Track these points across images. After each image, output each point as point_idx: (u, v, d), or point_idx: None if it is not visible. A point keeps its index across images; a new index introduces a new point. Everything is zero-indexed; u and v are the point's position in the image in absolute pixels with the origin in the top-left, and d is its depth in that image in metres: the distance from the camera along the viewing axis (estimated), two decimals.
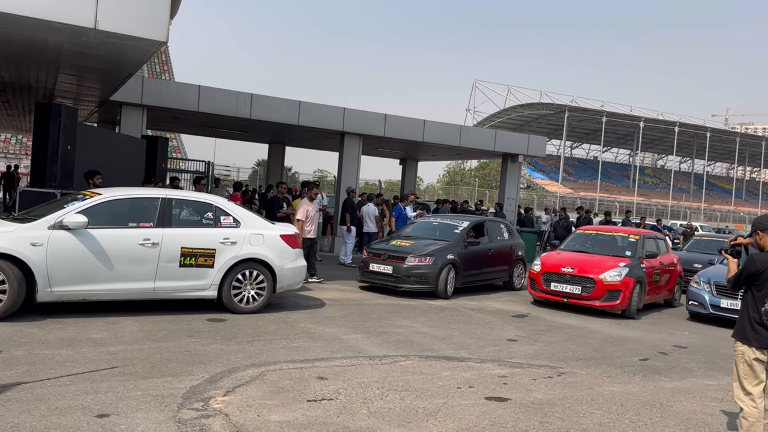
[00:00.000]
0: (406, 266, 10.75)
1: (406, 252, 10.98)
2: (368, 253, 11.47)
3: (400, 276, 10.74)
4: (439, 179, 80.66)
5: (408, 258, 10.78)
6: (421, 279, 10.74)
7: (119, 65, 10.12)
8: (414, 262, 10.77)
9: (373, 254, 11.27)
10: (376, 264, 11.02)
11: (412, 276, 10.72)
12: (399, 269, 10.77)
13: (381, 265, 10.95)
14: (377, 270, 10.98)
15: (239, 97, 15.70)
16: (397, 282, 10.77)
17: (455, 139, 19.01)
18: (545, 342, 8.14)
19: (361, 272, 11.35)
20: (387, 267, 10.89)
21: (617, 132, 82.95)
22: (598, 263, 10.69)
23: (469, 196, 52.88)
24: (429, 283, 10.74)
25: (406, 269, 10.74)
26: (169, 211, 7.88)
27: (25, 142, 57.25)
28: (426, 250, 10.98)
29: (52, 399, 4.66)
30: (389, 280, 10.84)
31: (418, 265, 10.76)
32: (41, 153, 9.68)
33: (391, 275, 10.82)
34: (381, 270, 10.93)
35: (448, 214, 14.80)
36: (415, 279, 10.73)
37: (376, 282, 11.01)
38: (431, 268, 10.77)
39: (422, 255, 10.84)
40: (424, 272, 10.75)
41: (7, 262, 6.78)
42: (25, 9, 7.27)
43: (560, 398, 5.73)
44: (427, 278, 10.74)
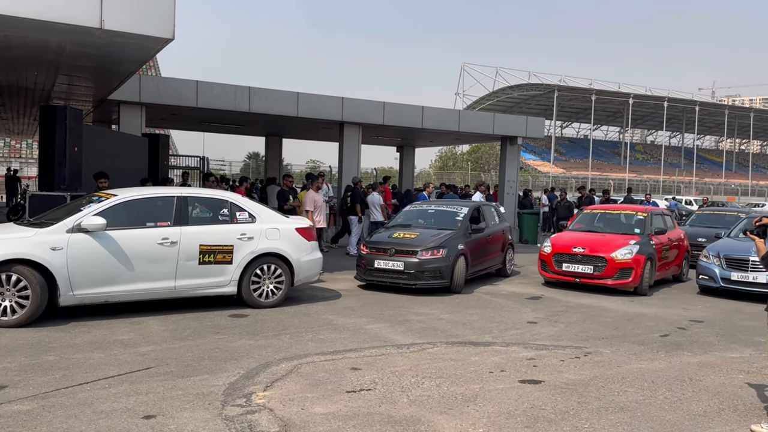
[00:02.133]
0: (419, 260, 9.73)
1: (414, 245, 9.95)
2: (369, 248, 10.23)
3: (413, 272, 9.68)
4: (432, 164, 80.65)
5: (419, 251, 9.77)
6: (435, 274, 9.79)
7: (122, 64, 10.02)
8: (426, 256, 9.74)
9: (376, 249, 10.10)
10: (383, 260, 9.88)
11: (426, 271, 9.72)
12: (411, 264, 9.71)
13: (389, 261, 9.82)
14: (385, 267, 9.84)
15: (237, 90, 15.57)
16: (410, 279, 9.70)
17: (454, 124, 18.99)
18: (565, 323, 8.21)
19: (362, 270, 10.13)
20: (397, 263, 9.77)
21: (607, 110, 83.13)
22: (608, 242, 10.76)
23: (462, 180, 52.95)
24: (444, 277, 9.83)
25: (419, 264, 9.71)
26: (185, 209, 7.87)
27: (13, 145, 56.78)
28: (436, 241, 10.03)
29: (95, 403, 4.67)
30: (400, 278, 9.76)
31: (431, 258, 9.76)
32: (48, 156, 9.60)
33: (402, 272, 9.73)
34: (390, 267, 9.80)
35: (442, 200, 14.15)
36: (429, 274, 9.76)
37: (384, 280, 9.88)
38: (445, 260, 9.84)
39: (434, 247, 9.87)
40: (438, 266, 9.79)
41: (28, 268, 6.76)
42: (28, 11, 7.17)
43: (592, 378, 5.80)
44: (443, 272, 9.82)
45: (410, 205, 12.08)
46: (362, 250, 10.38)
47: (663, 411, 5.00)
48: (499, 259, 12.01)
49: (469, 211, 11.18)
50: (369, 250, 10.22)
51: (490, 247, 11.54)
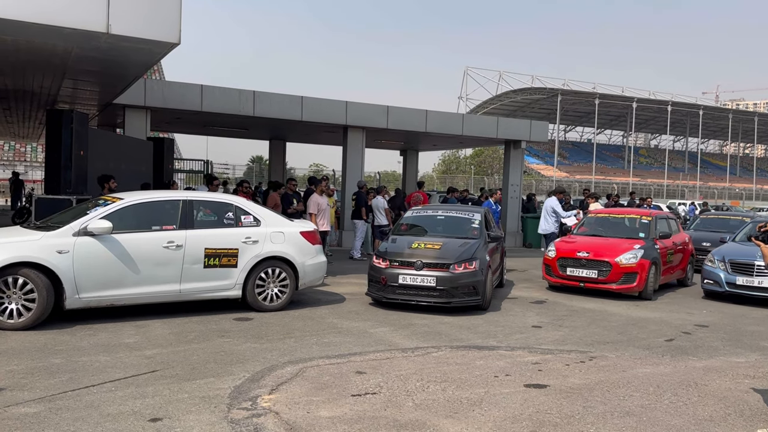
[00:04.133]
0: (452, 275, 8.50)
1: (444, 256, 8.70)
2: (389, 261, 8.80)
3: (446, 288, 8.45)
4: (435, 168, 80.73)
5: (452, 264, 8.56)
6: (470, 290, 8.60)
7: (128, 68, 10.07)
8: (459, 269, 8.54)
9: (399, 262, 8.72)
10: (409, 274, 8.56)
11: (460, 287, 8.53)
12: (444, 280, 8.46)
13: (417, 276, 8.53)
14: (412, 283, 8.54)
15: (241, 94, 15.64)
16: (443, 296, 8.48)
17: (458, 127, 19.01)
18: (570, 327, 8.21)
19: (382, 287, 8.77)
20: (428, 278, 8.49)
21: (610, 113, 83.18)
22: (613, 246, 10.76)
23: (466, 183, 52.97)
24: (478, 293, 8.65)
25: (454, 278, 8.49)
26: (191, 213, 7.90)
27: (18, 149, 56.98)
28: (467, 253, 8.83)
29: (102, 405, 4.69)
30: (431, 295, 8.50)
31: (465, 272, 8.57)
32: (54, 159, 9.66)
33: (434, 289, 8.46)
34: (418, 283, 8.51)
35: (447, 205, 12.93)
36: (464, 290, 8.58)
37: (411, 299, 8.58)
38: (478, 274, 8.65)
39: (466, 259, 8.67)
40: (472, 281, 8.59)
41: (34, 271, 6.79)
42: (35, 15, 7.23)
43: (597, 382, 5.79)
44: (477, 288, 8.63)
45: (412, 210, 10.96)
46: (379, 264, 8.90)
47: (668, 416, 4.99)
48: (500, 269, 11.15)
49: (482, 217, 10.16)
50: (389, 263, 8.78)
51: (497, 256, 10.67)
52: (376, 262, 9.01)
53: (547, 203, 13.19)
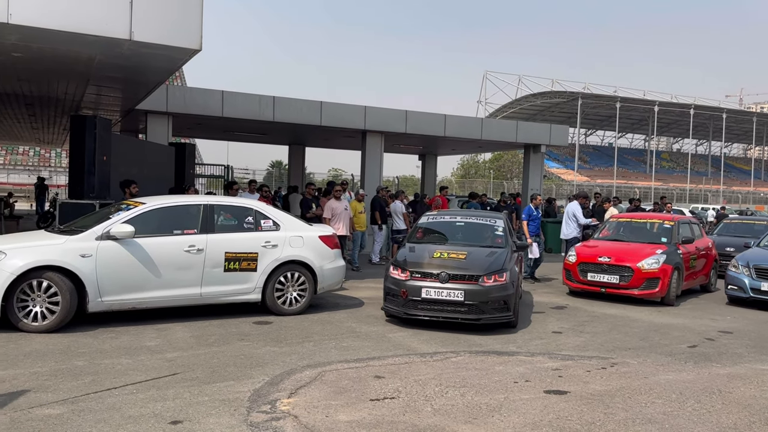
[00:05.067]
0: (483, 288, 7.67)
1: (472, 267, 7.87)
2: (407, 272, 7.93)
3: (476, 303, 7.62)
4: (453, 172, 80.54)
5: (482, 276, 7.73)
6: (501, 305, 7.75)
7: (150, 75, 10.23)
8: (490, 282, 7.71)
9: (421, 273, 7.85)
10: (433, 287, 7.68)
11: (491, 302, 7.68)
12: (474, 293, 7.62)
13: (442, 290, 7.65)
14: (437, 297, 7.66)
15: (262, 100, 15.79)
16: (472, 312, 7.64)
17: (476, 132, 18.98)
18: (591, 333, 8.13)
19: (401, 302, 7.88)
20: (455, 292, 7.62)
21: (631, 117, 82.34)
22: (634, 251, 10.64)
23: (485, 188, 52.77)
24: (509, 308, 7.83)
25: (484, 292, 7.65)
26: (211, 217, 7.97)
27: (43, 154, 58.00)
28: (496, 263, 8.02)
29: (123, 408, 4.74)
30: (459, 311, 7.65)
31: (495, 285, 7.72)
32: (78, 165, 9.81)
33: (462, 303, 7.62)
34: (444, 297, 7.64)
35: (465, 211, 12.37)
36: (495, 306, 7.72)
37: (437, 316, 7.71)
38: (509, 288, 7.82)
39: (497, 270, 7.85)
40: (503, 295, 7.74)
41: (58, 274, 6.89)
42: (59, 23, 7.36)
43: (618, 389, 5.73)
44: (508, 303, 7.80)
45: (428, 216, 9.92)
46: (397, 275, 8.03)
47: (692, 423, 4.92)
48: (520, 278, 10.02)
49: (505, 223, 9.36)
50: (410, 275, 7.92)
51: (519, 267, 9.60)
52: (394, 273, 8.08)
53: (568, 208, 13.07)
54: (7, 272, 6.70)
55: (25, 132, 22.62)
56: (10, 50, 8.39)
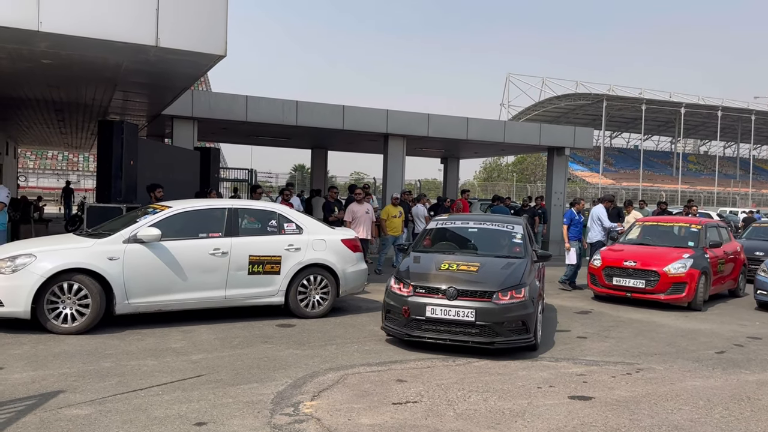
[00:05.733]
0: (497, 306, 6.66)
1: (485, 281, 6.91)
2: (410, 287, 6.94)
3: (489, 324, 6.62)
4: (476, 176, 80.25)
5: (496, 292, 6.74)
6: (518, 326, 6.75)
7: (175, 80, 10.37)
8: (505, 299, 6.72)
9: (426, 289, 6.87)
10: (439, 305, 6.70)
11: (507, 322, 6.68)
12: (486, 312, 6.62)
13: (451, 308, 6.66)
14: (444, 317, 6.67)
15: (285, 105, 15.88)
16: (484, 335, 6.64)
17: (499, 135, 18.87)
18: (616, 338, 8.03)
19: (403, 321, 6.88)
20: (464, 311, 6.62)
21: (657, 119, 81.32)
22: (660, 255, 10.49)
23: (507, 191, 52.45)
24: (529, 330, 6.80)
25: (499, 311, 6.65)
26: (235, 221, 8.06)
27: (71, 159, 59.10)
28: (512, 276, 7.03)
29: (149, 409, 4.81)
30: (469, 333, 6.66)
31: (512, 303, 6.73)
32: (106, 169, 9.98)
33: (473, 324, 6.62)
34: (452, 316, 6.64)
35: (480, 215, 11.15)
36: (512, 327, 6.71)
37: (444, 339, 6.72)
38: (528, 305, 6.81)
39: (513, 285, 6.87)
40: (521, 314, 6.73)
41: (88, 277, 7.02)
42: (87, 30, 7.50)
43: (644, 395, 5.65)
44: (527, 323, 6.79)
45: (436, 221, 8.83)
46: (398, 290, 7.05)
47: (719, 431, 4.84)
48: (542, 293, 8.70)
49: (525, 229, 8.31)
50: (412, 290, 6.92)
51: (542, 279, 8.66)
52: (394, 287, 7.13)
53: (593, 211, 12.93)
54: (37, 275, 6.85)
55: (54, 137, 23.09)
56: (40, 57, 8.58)
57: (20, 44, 7.84)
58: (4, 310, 6.88)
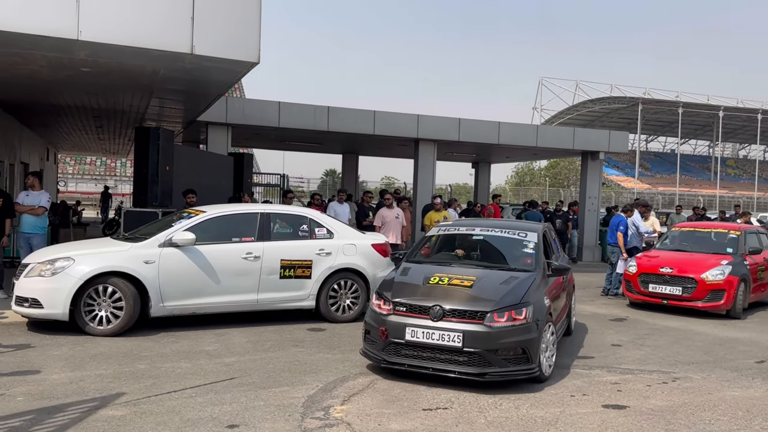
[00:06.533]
0: (489, 329, 5.61)
1: (478, 299, 5.87)
2: (390, 304, 5.96)
3: (479, 351, 5.57)
4: (508, 180, 79.61)
5: (488, 312, 5.67)
6: (517, 354, 5.71)
7: (210, 87, 10.54)
8: (501, 321, 5.66)
9: (408, 307, 5.88)
10: (421, 326, 5.70)
11: (502, 349, 5.63)
12: (475, 337, 5.58)
13: (433, 331, 5.65)
14: (427, 341, 5.67)
15: (316, 110, 16.03)
16: (473, 364, 5.59)
17: (531, 139, 18.71)
18: (651, 346, 7.87)
19: (381, 345, 5.91)
20: (450, 334, 5.60)
21: (695, 123, 79.57)
22: (698, 262, 10.26)
23: (540, 196, 51.86)
24: (531, 359, 5.74)
25: (492, 336, 5.61)
26: (268, 225, 8.15)
27: (109, 164, 60.50)
28: (513, 294, 5.95)
29: (182, 411, 4.88)
30: (455, 361, 5.63)
31: (509, 326, 5.68)
32: (142, 174, 10.19)
33: (459, 351, 5.59)
34: (435, 341, 5.63)
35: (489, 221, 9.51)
36: (508, 355, 5.67)
37: (425, 367, 5.70)
38: (530, 329, 5.77)
39: (512, 305, 5.80)
40: (520, 340, 5.69)
41: (123, 280, 7.17)
42: (125, 38, 7.67)
43: (680, 405, 5.52)
44: (529, 350, 5.73)
45: (439, 227, 7.78)
46: (378, 307, 6.10)
47: None
48: (566, 310, 7.74)
49: (540, 237, 7.13)
50: (392, 308, 5.94)
51: (563, 296, 7.38)
52: (375, 303, 6.20)
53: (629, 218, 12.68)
54: (75, 277, 7.02)
55: (93, 143, 23.69)
56: (79, 65, 8.81)
57: (60, 53, 8.06)
58: (44, 311, 7.07)
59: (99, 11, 7.31)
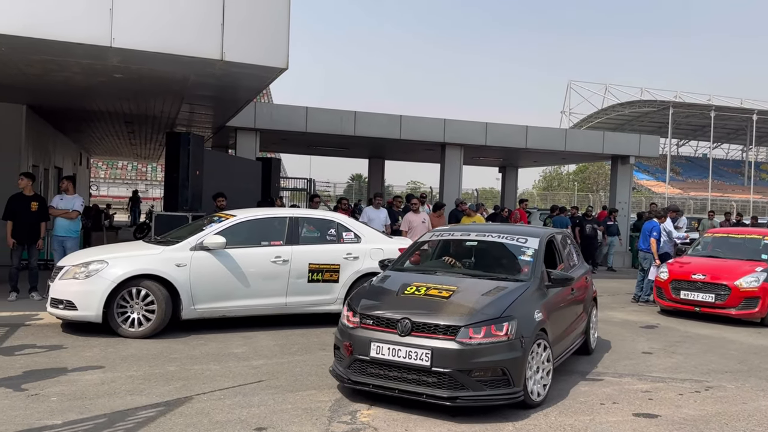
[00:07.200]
0: (465, 347, 4.92)
1: (452, 312, 5.15)
2: (360, 316, 5.37)
3: (450, 372, 4.88)
4: (535, 185, 78.90)
5: (462, 327, 4.98)
6: (495, 375, 5.00)
7: (239, 93, 10.67)
8: (477, 337, 4.96)
9: (374, 320, 5.27)
10: (388, 342, 5.08)
11: (477, 370, 4.92)
12: (447, 355, 4.90)
13: (401, 347, 5.01)
14: (392, 358, 5.03)
15: (343, 115, 16.12)
16: (442, 387, 4.91)
17: (560, 143, 18.54)
18: (683, 354, 7.72)
19: (345, 361, 5.33)
20: (417, 352, 4.95)
21: (727, 126, 78.04)
22: (731, 269, 10.05)
23: (568, 201, 51.29)
24: (512, 382, 5.02)
25: (464, 354, 4.91)
26: (296, 229, 8.22)
27: (140, 168, 61.55)
28: (493, 305, 5.26)
29: (211, 413, 4.93)
30: (423, 382, 4.96)
31: (486, 343, 4.97)
32: (173, 179, 10.34)
33: (428, 371, 4.92)
34: (401, 358, 4.99)
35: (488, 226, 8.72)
36: (484, 378, 4.96)
37: (390, 387, 5.06)
38: (513, 347, 5.05)
39: (492, 318, 5.09)
40: (499, 360, 4.99)
41: (155, 283, 7.29)
42: (157, 45, 7.81)
43: (714, 414, 5.41)
44: (510, 371, 5.01)
45: (433, 233, 7.25)
46: (347, 320, 5.52)
47: None
48: (582, 326, 7.07)
49: (542, 243, 6.37)
50: (359, 321, 5.36)
51: (573, 310, 6.71)
52: (344, 315, 5.64)
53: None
54: (108, 280, 7.16)
55: (125, 148, 24.13)
56: (112, 72, 9.00)
57: (94, 59, 8.25)
58: (78, 313, 7.22)
59: (131, 19, 7.46)
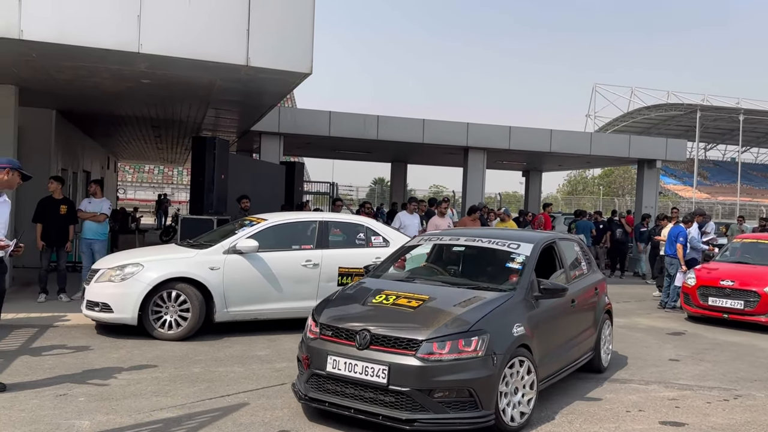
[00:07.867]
0: (425, 364, 4.43)
1: (416, 324, 4.69)
2: (320, 327, 4.94)
3: (407, 391, 4.39)
4: (559, 189, 78.23)
5: (424, 341, 4.49)
6: (461, 396, 4.47)
7: (264, 98, 10.78)
8: (439, 353, 4.46)
9: (334, 331, 4.84)
10: (344, 355, 4.63)
11: (439, 389, 4.42)
12: (406, 372, 4.42)
13: (357, 361, 4.55)
14: (348, 374, 4.57)
15: (366, 119, 16.19)
16: (399, 406, 4.42)
17: (585, 147, 18.39)
18: (711, 362, 7.59)
19: (306, 375, 4.90)
20: (375, 366, 4.49)
21: (757, 130, 76.52)
22: (762, 275, 9.86)
23: (593, 205, 50.73)
24: (480, 404, 4.48)
25: (426, 372, 4.42)
26: (326, 233, 8.30)
27: (166, 172, 62.35)
28: (463, 318, 4.76)
29: (235, 415, 4.97)
30: (380, 401, 4.49)
31: (451, 360, 4.47)
32: (199, 183, 10.48)
33: (384, 390, 4.45)
34: (357, 374, 4.53)
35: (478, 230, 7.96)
36: (448, 398, 4.44)
37: (346, 406, 4.59)
38: (483, 365, 4.52)
39: (459, 332, 4.59)
40: (466, 378, 4.46)
41: (190, 286, 7.38)
42: (184, 51, 7.92)
43: (742, 423, 5.30)
44: (477, 391, 4.48)
45: (422, 237, 6.81)
46: (309, 331, 5.08)
47: None
48: (590, 341, 6.50)
49: (535, 249, 5.80)
50: (319, 331, 4.92)
51: (574, 323, 6.17)
52: (307, 325, 5.20)
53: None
54: (144, 283, 7.27)
55: (151, 152, 24.51)
56: (139, 77, 9.15)
57: (122, 65, 8.40)
58: (114, 316, 7.33)
59: (159, 25, 7.59)
